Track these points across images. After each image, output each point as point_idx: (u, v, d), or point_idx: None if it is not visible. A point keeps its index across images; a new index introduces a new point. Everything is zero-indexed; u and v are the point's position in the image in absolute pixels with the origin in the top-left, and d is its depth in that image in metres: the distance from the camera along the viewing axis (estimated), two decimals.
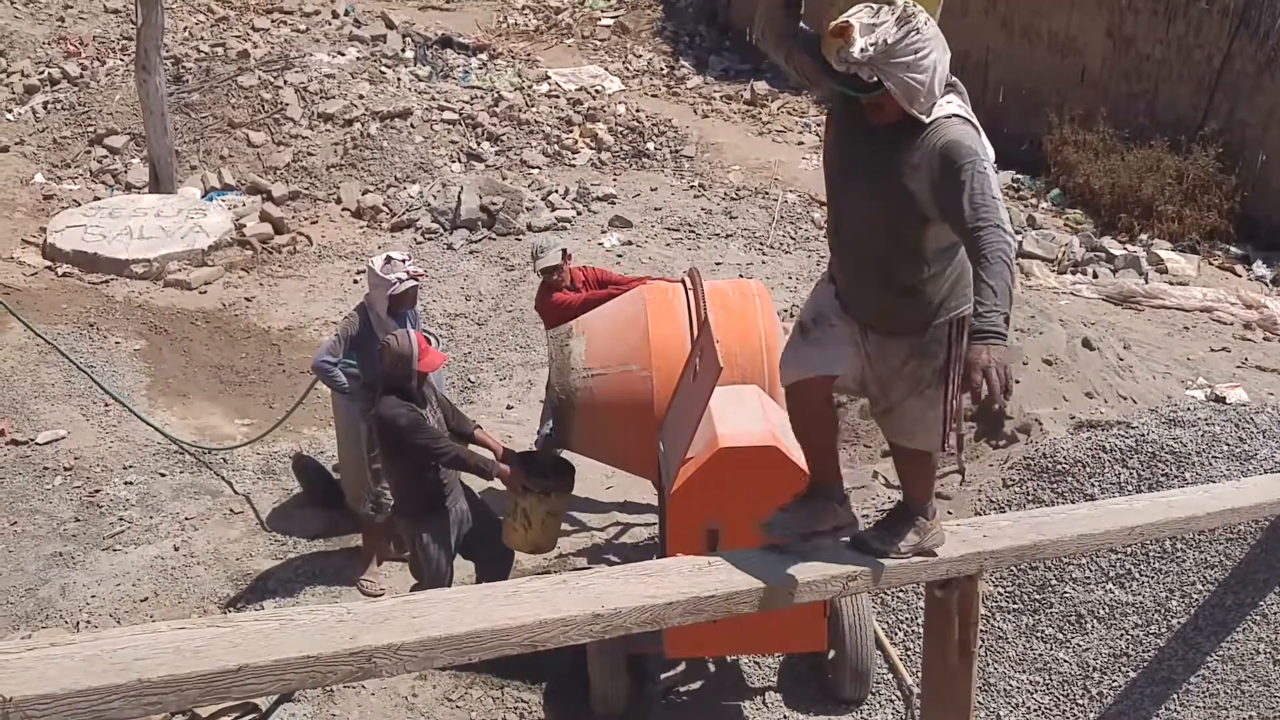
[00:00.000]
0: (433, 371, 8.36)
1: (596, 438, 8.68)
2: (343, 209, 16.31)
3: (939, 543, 6.02)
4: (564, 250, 10.10)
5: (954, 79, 5.44)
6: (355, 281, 14.10)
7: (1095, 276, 14.76)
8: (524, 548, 8.62)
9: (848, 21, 5.07)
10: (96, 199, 15.89)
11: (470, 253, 14.94)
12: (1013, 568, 8.43)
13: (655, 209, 16.33)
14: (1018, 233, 15.65)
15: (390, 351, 8.16)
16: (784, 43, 5.63)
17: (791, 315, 10.94)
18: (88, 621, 8.96)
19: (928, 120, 5.25)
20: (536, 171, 17.34)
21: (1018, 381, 7.55)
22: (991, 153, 5.36)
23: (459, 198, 15.59)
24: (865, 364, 5.81)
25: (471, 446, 8.66)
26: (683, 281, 8.87)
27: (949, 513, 8.92)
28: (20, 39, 19.65)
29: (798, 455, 7.06)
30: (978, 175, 5.10)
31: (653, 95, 20.83)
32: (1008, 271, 4.96)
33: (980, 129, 5.40)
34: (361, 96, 18.20)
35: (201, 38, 19.92)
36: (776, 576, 5.56)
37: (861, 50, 5.04)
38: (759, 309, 8.64)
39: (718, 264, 14.51)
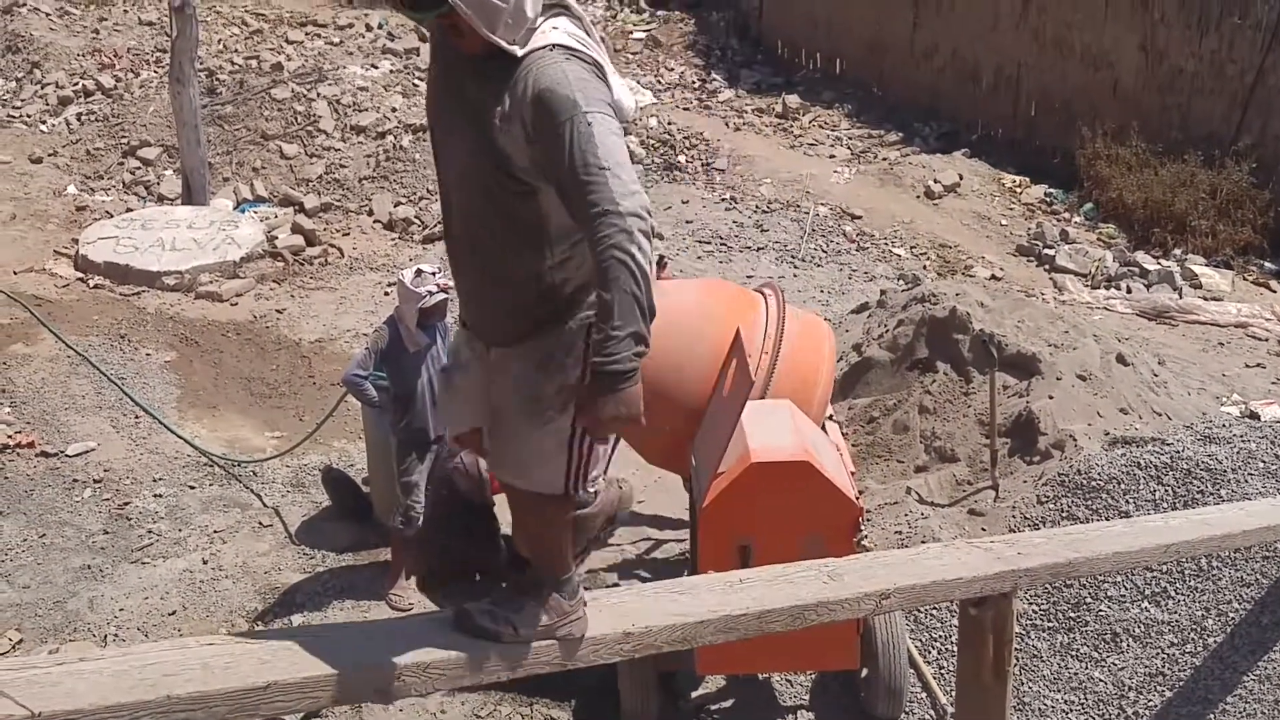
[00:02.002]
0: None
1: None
2: (374, 221, 16.34)
3: (579, 632, 4.77)
4: (660, 256, 9.85)
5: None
6: (386, 294, 14.10)
7: (1129, 291, 14.68)
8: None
9: None
10: (129, 210, 15.95)
11: None
12: (1047, 585, 8.37)
13: (687, 222, 16.30)
14: (1049, 248, 15.65)
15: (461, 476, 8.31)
16: None
17: None
18: (116, 635, 8.96)
19: (521, 54, 4.07)
20: None
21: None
22: (620, 95, 4.27)
23: None
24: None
25: None
26: (761, 293, 8.70)
27: (983, 529, 8.87)
28: (55, 51, 19.78)
29: (831, 471, 7.03)
30: (579, 136, 3.95)
31: (685, 108, 20.81)
32: (628, 274, 3.89)
33: (602, 65, 4.23)
34: (394, 109, 18.23)
35: (235, 50, 20.00)
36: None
37: None
38: (825, 351, 8.49)
39: (749, 276, 14.45)
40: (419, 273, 8.98)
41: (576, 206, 3.99)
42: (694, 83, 21.87)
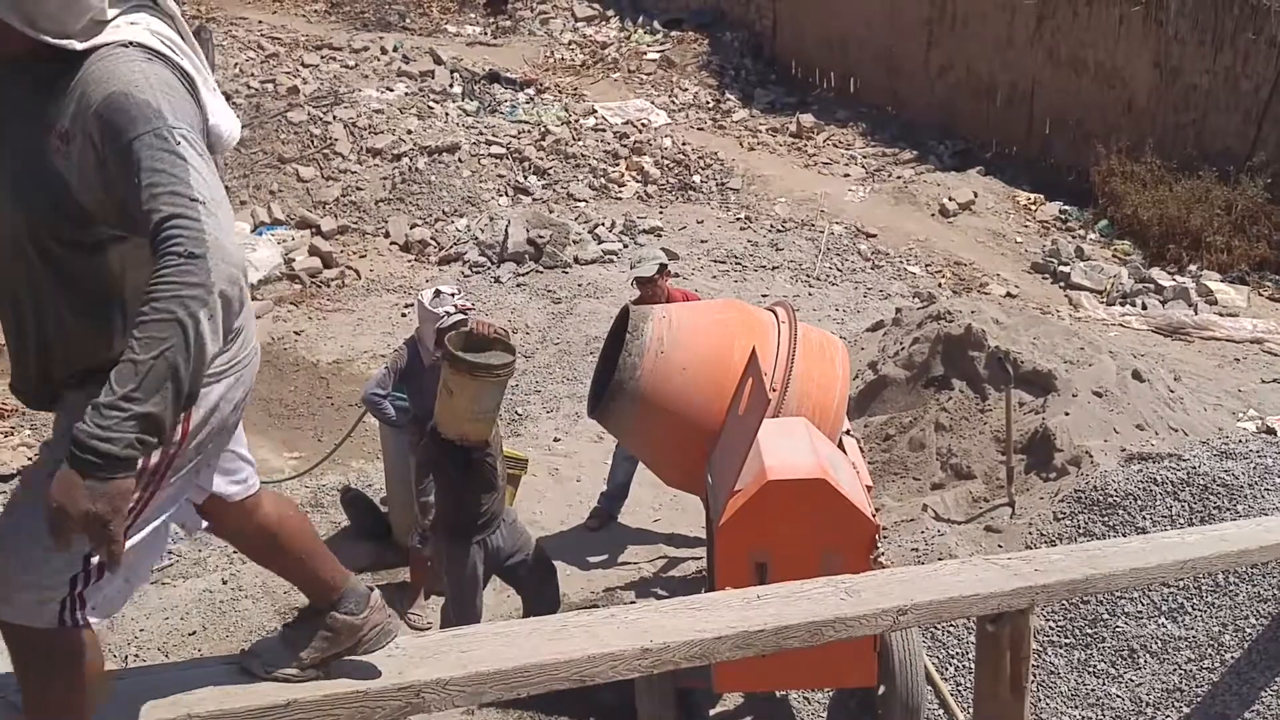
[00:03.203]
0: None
1: (643, 425, 8.42)
2: (391, 243, 16.40)
3: (379, 641, 4.32)
4: (663, 264, 9.82)
5: None
6: (403, 315, 14.15)
7: (1144, 308, 14.68)
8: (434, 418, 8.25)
9: None
10: None
11: (517, 285, 14.97)
12: (1064, 602, 8.35)
13: (701, 241, 16.35)
14: (1064, 265, 15.62)
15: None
16: None
17: None
18: (136, 655, 8.98)
19: (82, 48, 3.05)
20: (583, 204, 17.39)
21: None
22: (219, 119, 3.51)
23: (506, 231, 15.64)
24: None
25: None
26: (774, 311, 8.65)
27: (999, 546, 8.86)
28: None
29: (848, 489, 7.04)
30: (163, 156, 2.92)
31: (699, 128, 20.87)
32: (181, 341, 2.82)
33: (194, 80, 3.32)
34: (410, 131, 18.31)
35: (252, 74, 20.10)
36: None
37: None
38: (839, 368, 8.47)
39: (764, 295, 14.48)
40: (437, 293, 9.02)
41: (153, 246, 2.91)
42: (708, 103, 21.93)
